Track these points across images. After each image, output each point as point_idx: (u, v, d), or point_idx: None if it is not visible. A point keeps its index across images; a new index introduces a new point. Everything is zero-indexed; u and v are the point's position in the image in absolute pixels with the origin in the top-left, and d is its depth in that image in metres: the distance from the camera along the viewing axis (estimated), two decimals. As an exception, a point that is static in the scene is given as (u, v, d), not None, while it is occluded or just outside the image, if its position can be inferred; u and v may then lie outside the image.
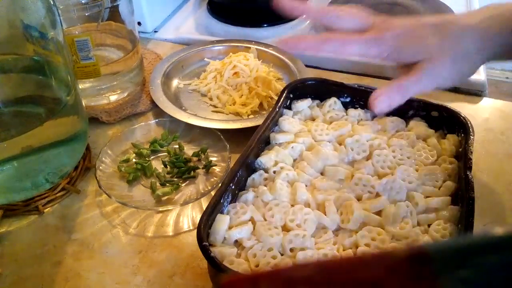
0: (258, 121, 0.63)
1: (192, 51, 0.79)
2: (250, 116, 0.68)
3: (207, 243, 0.41)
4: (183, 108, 0.69)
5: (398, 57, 0.50)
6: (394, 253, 0.21)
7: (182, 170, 0.59)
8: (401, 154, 0.53)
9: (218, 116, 0.69)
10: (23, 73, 0.55)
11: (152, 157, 0.62)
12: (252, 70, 0.72)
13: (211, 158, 0.61)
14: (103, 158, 0.59)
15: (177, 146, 0.63)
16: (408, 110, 0.58)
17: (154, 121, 0.66)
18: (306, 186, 0.50)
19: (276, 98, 0.66)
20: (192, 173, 0.59)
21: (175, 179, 0.59)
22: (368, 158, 0.54)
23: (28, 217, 0.55)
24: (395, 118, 0.58)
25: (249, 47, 0.79)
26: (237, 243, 0.45)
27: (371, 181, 0.50)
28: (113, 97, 0.71)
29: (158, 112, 0.69)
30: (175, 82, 0.76)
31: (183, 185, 0.58)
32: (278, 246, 0.44)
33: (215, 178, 0.59)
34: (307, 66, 0.76)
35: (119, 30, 0.71)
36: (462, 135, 0.53)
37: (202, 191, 0.57)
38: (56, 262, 0.51)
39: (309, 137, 0.55)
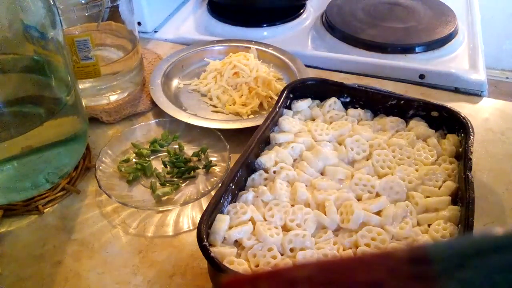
0: (258, 121, 0.63)
1: (192, 51, 0.79)
2: (250, 116, 0.68)
3: (207, 243, 0.41)
4: (183, 108, 0.69)
5: None
6: (394, 253, 0.21)
7: (182, 170, 0.59)
8: (401, 154, 0.53)
9: (218, 116, 0.69)
10: (23, 73, 0.55)
11: (152, 157, 0.62)
12: (252, 70, 0.72)
13: (211, 158, 0.61)
14: (103, 158, 0.59)
15: (177, 146, 0.63)
16: (408, 110, 0.58)
17: (154, 121, 0.66)
18: (306, 186, 0.50)
19: (276, 98, 0.66)
20: (192, 173, 0.59)
21: (175, 179, 0.59)
22: (368, 158, 0.54)
23: (28, 217, 0.55)
24: (395, 118, 0.58)
25: (249, 47, 0.79)
26: (237, 243, 0.45)
27: (371, 181, 0.50)
28: (113, 97, 0.71)
29: (158, 112, 0.69)
30: (175, 82, 0.76)
31: (183, 185, 0.58)
32: (278, 246, 0.44)
33: (215, 178, 0.59)
34: (307, 66, 0.76)
35: (119, 30, 0.71)
36: (462, 135, 0.53)
37: (202, 191, 0.57)
38: (56, 262, 0.51)
39: (309, 137, 0.55)
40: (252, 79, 0.71)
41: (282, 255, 0.44)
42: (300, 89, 0.60)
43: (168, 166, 0.60)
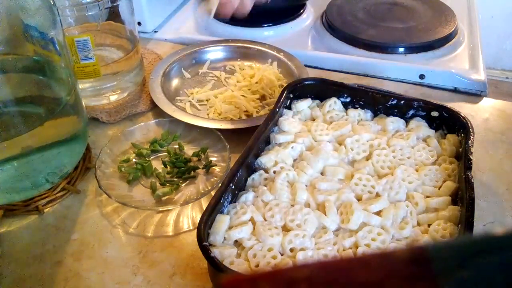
0: (258, 121, 0.63)
1: (192, 51, 0.79)
2: (250, 116, 0.68)
3: (207, 243, 0.41)
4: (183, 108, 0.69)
5: None
6: (394, 253, 0.21)
7: (182, 170, 0.59)
8: (401, 154, 0.53)
9: (218, 116, 0.68)
10: (23, 73, 0.55)
11: (152, 157, 0.62)
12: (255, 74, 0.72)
13: (211, 158, 0.61)
14: (103, 158, 0.59)
15: (177, 146, 0.63)
16: (408, 110, 0.58)
17: (154, 121, 0.66)
18: (306, 186, 0.50)
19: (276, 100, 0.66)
20: (192, 173, 0.59)
21: (175, 179, 0.59)
22: (368, 158, 0.54)
23: (28, 217, 0.55)
24: (395, 118, 0.58)
25: (249, 47, 0.79)
26: (237, 243, 0.45)
27: (371, 181, 0.50)
28: (113, 97, 0.71)
29: (158, 112, 0.69)
30: (174, 82, 0.76)
31: (183, 185, 0.58)
32: (278, 246, 0.44)
33: (215, 178, 0.59)
34: (307, 66, 0.76)
35: (119, 30, 0.71)
36: (462, 135, 0.53)
37: (202, 191, 0.57)
38: (56, 262, 0.51)
39: (309, 137, 0.55)
40: (255, 82, 0.71)
41: (282, 255, 0.44)
42: (300, 89, 0.60)
43: (168, 166, 0.60)
